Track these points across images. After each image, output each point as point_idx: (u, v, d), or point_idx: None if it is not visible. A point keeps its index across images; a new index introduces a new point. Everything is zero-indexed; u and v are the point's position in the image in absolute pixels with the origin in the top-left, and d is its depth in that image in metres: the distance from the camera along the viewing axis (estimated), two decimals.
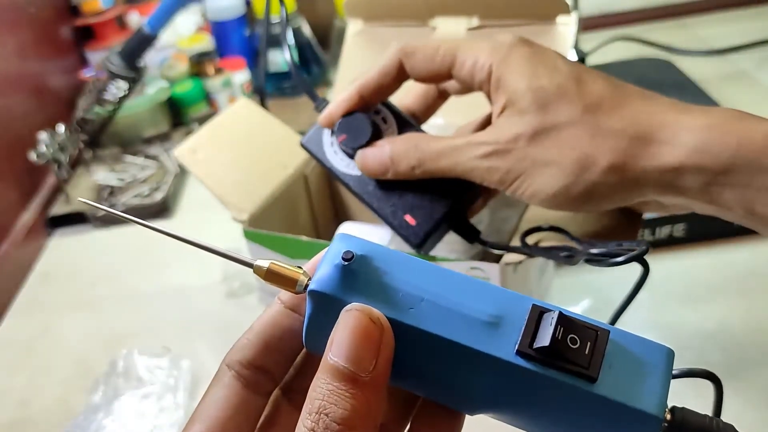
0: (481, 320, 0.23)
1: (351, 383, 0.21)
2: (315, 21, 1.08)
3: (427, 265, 0.24)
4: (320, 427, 0.21)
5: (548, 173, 0.38)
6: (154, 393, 0.55)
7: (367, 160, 0.44)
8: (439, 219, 0.44)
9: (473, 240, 0.46)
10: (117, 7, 1.08)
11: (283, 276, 0.24)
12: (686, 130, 0.36)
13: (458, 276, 0.24)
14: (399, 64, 0.43)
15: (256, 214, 0.54)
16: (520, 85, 0.39)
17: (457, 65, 0.41)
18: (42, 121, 0.86)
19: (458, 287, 0.24)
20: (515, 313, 0.23)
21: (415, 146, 0.42)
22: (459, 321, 0.23)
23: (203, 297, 0.68)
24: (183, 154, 0.55)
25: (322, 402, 0.21)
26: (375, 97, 0.45)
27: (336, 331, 0.22)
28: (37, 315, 0.71)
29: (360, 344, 0.22)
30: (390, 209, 0.45)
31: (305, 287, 0.24)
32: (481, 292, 0.24)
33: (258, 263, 0.24)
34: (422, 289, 0.23)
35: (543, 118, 0.38)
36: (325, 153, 0.46)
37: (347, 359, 0.21)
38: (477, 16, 0.56)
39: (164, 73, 1.01)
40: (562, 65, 0.39)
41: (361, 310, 0.22)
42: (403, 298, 0.23)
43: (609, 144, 0.37)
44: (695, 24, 1.09)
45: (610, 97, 0.38)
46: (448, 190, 0.44)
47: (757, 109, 0.37)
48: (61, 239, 0.84)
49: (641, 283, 0.41)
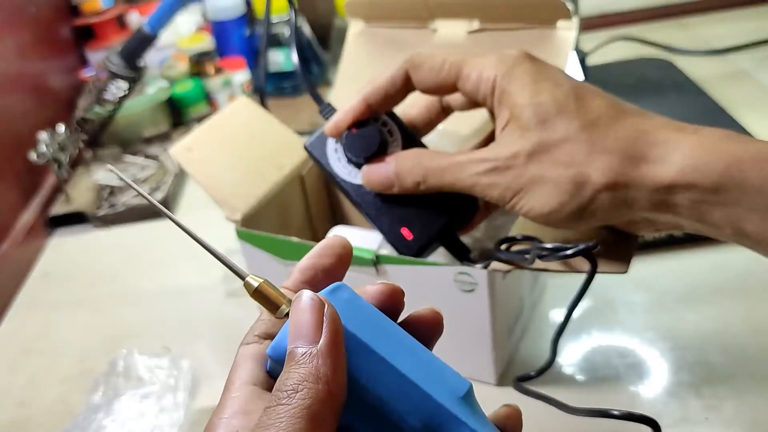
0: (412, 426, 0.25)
1: (302, 357, 0.23)
2: (315, 21, 1.08)
3: (390, 332, 0.26)
4: (273, 399, 0.23)
5: (544, 191, 0.39)
6: (154, 393, 0.55)
7: (372, 176, 0.45)
8: (434, 235, 0.45)
9: (463, 258, 0.47)
10: (117, 7, 1.08)
11: (268, 298, 0.26)
12: (678, 149, 0.37)
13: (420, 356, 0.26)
14: (406, 75, 0.44)
15: (249, 214, 0.54)
16: (522, 99, 0.39)
17: (462, 78, 0.42)
18: (42, 121, 0.86)
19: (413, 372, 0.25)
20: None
21: (419, 162, 0.43)
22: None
23: (203, 297, 0.68)
24: (178, 152, 0.55)
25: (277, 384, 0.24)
26: (381, 107, 0.45)
27: (290, 318, 0.25)
28: (37, 315, 0.71)
29: (305, 319, 0.24)
30: (387, 220, 0.45)
31: (285, 314, 0.26)
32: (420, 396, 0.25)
33: (248, 279, 0.26)
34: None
35: (542, 134, 0.39)
36: (329, 159, 0.47)
37: (296, 338, 0.24)
38: (477, 19, 0.56)
39: (164, 72, 1.01)
40: (564, 81, 0.40)
41: (304, 294, 0.25)
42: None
43: (603, 162, 0.38)
44: (695, 24, 1.09)
45: (607, 114, 0.39)
46: (446, 207, 0.45)
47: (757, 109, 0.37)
48: (61, 239, 0.84)
49: (589, 281, 0.42)
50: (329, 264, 0.29)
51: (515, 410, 0.28)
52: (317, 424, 0.22)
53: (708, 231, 0.38)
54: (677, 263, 0.61)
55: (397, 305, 0.29)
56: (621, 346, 0.54)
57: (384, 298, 0.28)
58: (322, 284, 0.27)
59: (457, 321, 0.49)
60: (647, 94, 0.85)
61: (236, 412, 0.24)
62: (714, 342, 0.53)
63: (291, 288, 0.29)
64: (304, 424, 0.22)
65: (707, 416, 0.47)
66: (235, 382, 0.26)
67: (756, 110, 0.79)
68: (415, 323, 0.28)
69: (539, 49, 0.52)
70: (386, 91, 0.45)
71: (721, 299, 0.57)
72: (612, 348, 0.54)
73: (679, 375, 0.51)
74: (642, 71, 0.91)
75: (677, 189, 0.36)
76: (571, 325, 0.56)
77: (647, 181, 0.37)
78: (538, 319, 0.58)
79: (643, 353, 0.53)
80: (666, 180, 0.36)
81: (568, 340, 0.55)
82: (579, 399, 0.49)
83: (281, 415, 0.22)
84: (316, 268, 0.29)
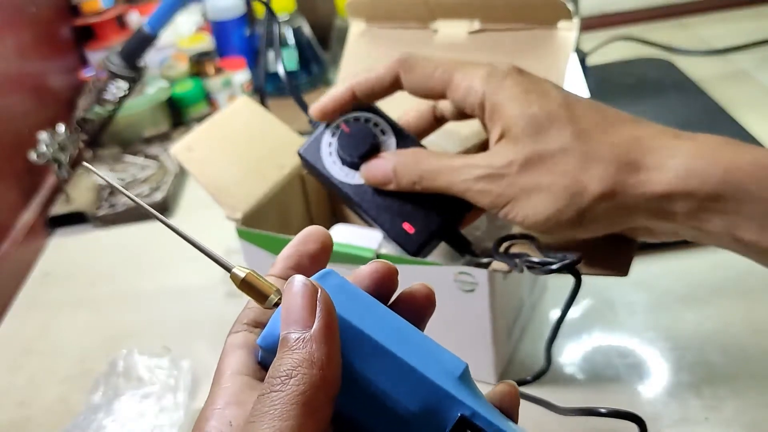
0: (409, 410, 0.24)
1: (295, 342, 0.23)
2: (315, 21, 1.08)
3: (383, 316, 0.26)
4: (266, 386, 0.23)
5: (538, 199, 0.39)
6: (154, 393, 0.55)
7: (372, 171, 0.45)
8: (437, 228, 0.45)
9: (464, 252, 0.47)
10: (117, 7, 1.08)
11: (256, 289, 0.26)
12: (674, 156, 0.37)
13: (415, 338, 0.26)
14: (396, 75, 0.45)
15: (249, 214, 0.54)
16: (513, 111, 0.40)
17: (452, 87, 0.42)
18: (42, 121, 0.86)
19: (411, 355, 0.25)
20: (440, 416, 0.24)
21: (416, 163, 0.43)
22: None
23: (203, 297, 0.68)
24: (179, 151, 0.55)
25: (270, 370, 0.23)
26: (366, 98, 0.46)
27: (282, 304, 0.24)
28: (37, 315, 0.71)
29: (297, 304, 0.24)
30: (388, 217, 0.45)
31: (274, 304, 0.26)
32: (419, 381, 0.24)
33: (235, 270, 0.26)
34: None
35: (535, 145, 0.39)
36: (323, 162, 0.47)
37: (289, 324, 0.23)
38: (478, 19, 0.56)
39: (164, 72, 1.01)
40: (554, 92, 0.40)
41: (296, 279, 0.24)
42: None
43: (599, 171, 0.38)
44: (695, 24, 1.09)
45: (601, 123, 0.39)
46: (447, 200, 0.45)
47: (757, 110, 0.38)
48: (61, 239, 0.84)
49: (573, 295, 0.42)
50: (314, 250, 0.29)
51: (512, 387, 0.28)
52: (312, 410, 0.22)
53: (705, 239, 0.38)
54: (677, 263, 0.61)
55: (392, 284, 0.28)
56: (621, 346, 0.54)
57: (378, 276, 0.28)
58: (309, 271, 0.27)
59: (457, 321, 0.49)
60: (647, 94, 0.85)
61: (228, 403, 0.24)
62: (714, 342, 0.53)
63: (278, 275, 0.28)
64: (299, 410, 0.22)
65: (707, 416, 0.47)
66: (225, 372, 0.26)
67: (756, 110, 0.79)
68: (408, 300, 0.28)
69: (540, 49, 0.52)
70: (373, 87, 0.45)
71: (721, 299, 0.57)
72: (612, 348, 0.54)
73: (679, 375, 0.51)
74: (642, 71, 0.91)
75: (674, 197, 0.36)
76: (571, 325, 0.56)
77: (644, 189, 0.37)
78: (537, 319, 0.58)
79: (643, 353, 0.53)
80: (663, 188, 0.36)
81: (568, 340, 0.55)
82: (579, 399, 0.49)
83: (275, 401, 0.22)
84: (301, 254, 0.28)
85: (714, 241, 0.38)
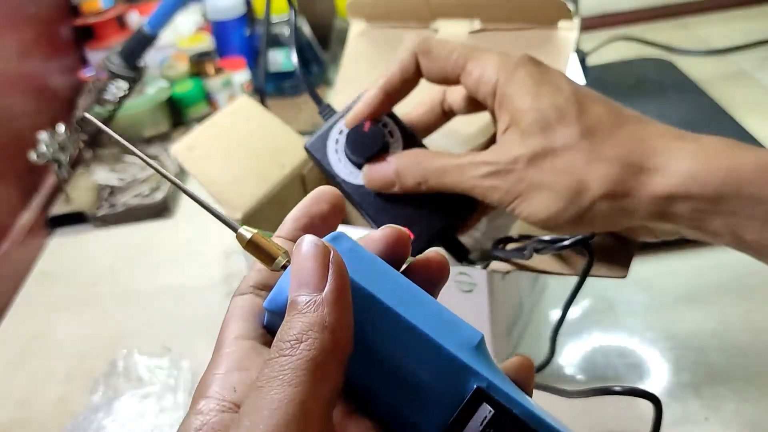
0: (417, 383, 0.23)
1: (306, 305, 0.22)
2: (315, 21, 1.07)
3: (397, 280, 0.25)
4: (274, 350, 0.21)
5: (543, 197, 0.39)
6: (154, 393, 0.55)
7: (373, 175, 0.45)
8: (435, 234, 0.45)
9: (462, 259, 0.47)
10: (117, 7, 1.08)
11: (263, 250, 0.24)
12: (677, 158, 0.37)
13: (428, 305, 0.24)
14: (416, 60, 0.44)
15: (250, 213, 0.54)
16: (523, 104, 0.39)
17: (465, 72, 0.42)
18: (42, 121, 0.86)
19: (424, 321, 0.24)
20: (455, 386, 0.23)
21: (419, 162, 0.43)
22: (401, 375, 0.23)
23: (203, 297, 0.68)
24: (179, 151, 0.55)
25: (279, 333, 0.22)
26: (399, 94, 0.45)
27: (291, 266, 0.23)
28: (37, 315, 0.71)
29: (308, 266, 0.22)
30: (388, 220, 0.45)
31: (282, 266, 0.24)
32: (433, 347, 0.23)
33: (241, 231, 0.24)
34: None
35: (542, 140, 0.39)
36: (329, 159, 0.47)
37: (299, 286, 0.22)
38: (479, 19, 0.56)
39: (164, 73, 1.01)
40: (565, 86, 0.40)
41: (306, 239, 0.23)
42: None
43: (603, 171, 0.38)
44: (695, 24, 1.09)
45: (608, 121, 0.39)
46: (447, 206, 0.45)
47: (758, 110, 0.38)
48: (61, 239, 0.84)
49: (587, 270, 0.42)
50: (325, 210, 0.27)
51: (527, 360, 0.26)
52: (323, 376, 0.21)
53: (707, 238, 0.38)
54: (677, 263, 0.61)
55: (404, 251, 0.26)
56: (621, 346, 0.54)
57: (391, 242, 0.26)
58: (319, 233, 0.24)
59: None
60: (647, 94, 0.85)
61: (232, 368, 0.23)
62: (714, 342, 0.53)
63: (286, 237, 0.26)
64: (310, 376, 0.20)
65: (707, 416, 0.47)
66: (228, 336, 0.24)
67: (756, 110, 0.79)
68: (422, 267, 0.27)
69: (540, 49, 0.52)
70: (402, 77, 0.44)
71: (721, 299, 0.57)
72: (612, 348, 0.54)
73: (679, 375, 0.51)
74: (642, 71, 0.91)
75: (676, 199, 0.36)
76: (572, 325, 0.56)
77: (646, 191, 0.37)
78: (537, 319, 0.58)
79: (643, 353, 0.53)
80: (665, 190, 0.36)
81: (568, 340, 0.55)
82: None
83: (285, 366, 0.20)
84: (311, 215, 0.27)
85: (716, 241, 0.38)
